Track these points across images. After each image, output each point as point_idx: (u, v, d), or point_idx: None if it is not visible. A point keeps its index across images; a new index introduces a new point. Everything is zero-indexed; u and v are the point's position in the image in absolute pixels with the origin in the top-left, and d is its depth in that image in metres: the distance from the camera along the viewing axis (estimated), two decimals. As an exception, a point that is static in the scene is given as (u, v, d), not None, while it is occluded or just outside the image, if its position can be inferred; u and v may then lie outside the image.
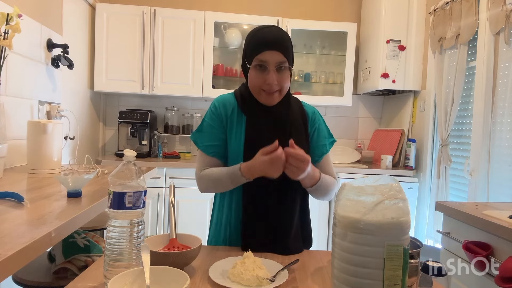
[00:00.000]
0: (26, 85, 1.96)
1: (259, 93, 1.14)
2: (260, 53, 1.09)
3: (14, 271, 0.72)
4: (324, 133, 1.25)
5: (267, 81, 1.10)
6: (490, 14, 2.12)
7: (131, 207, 0.77)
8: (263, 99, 1.15)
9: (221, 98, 1.22)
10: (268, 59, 1.09)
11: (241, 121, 1.17)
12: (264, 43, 1.10)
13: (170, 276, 0.73)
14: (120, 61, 3.01)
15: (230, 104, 1.19)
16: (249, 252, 0.93)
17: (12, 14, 1.54)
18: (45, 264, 1.44)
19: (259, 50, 1.09)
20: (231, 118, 1.18)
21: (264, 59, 1.09)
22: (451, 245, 1.58)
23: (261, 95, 1.14)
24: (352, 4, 3.49)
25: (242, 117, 1.17)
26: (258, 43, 1.11)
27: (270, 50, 1.09)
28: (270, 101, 1.15)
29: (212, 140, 1.18)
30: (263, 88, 1.12)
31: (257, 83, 1.12)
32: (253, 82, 1.13)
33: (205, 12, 3.05)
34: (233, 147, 1.16)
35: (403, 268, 0.69)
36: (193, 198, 2.87)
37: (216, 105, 1.20)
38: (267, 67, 1.10)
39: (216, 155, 1.17)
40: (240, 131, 1.16)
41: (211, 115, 1.19)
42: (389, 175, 0.78)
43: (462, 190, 2.45)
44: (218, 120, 1.18)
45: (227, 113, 1.18)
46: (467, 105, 2.45)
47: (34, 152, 1.67)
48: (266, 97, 1.13)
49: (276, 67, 1.10)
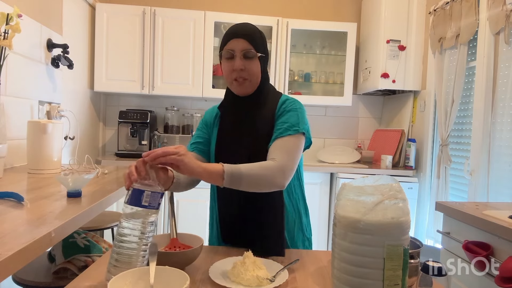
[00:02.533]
0: (26, 85, 1.96)
1: (231, 83, 1.17)
2: (227, 43, 1.14)
3: (14, 271, 0.72)
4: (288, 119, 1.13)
5: (232, 67, 1.13)
6: (490, 14, 2.12)
7: (147, 206, 0.79)
8: (235, 89, 1.18)
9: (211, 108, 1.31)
10: (234, 47, 1.13)
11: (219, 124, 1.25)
12: (230, 34, 1.15)
13: (170, 276, 0.73)
14: (120, 61, 3.01)
15: (215, 109, 1.28)
16: (249, 252, 0.93)
17: (12, 14, 1.54)
18: (45, 264, 1.44)
19: (226, 41, 1.15)
20: (213, 122, 1.26)
21: (230, 48, 1.13)
22: (451, 245, 1.58)
23: (232, 85, 1.17)
24: (352, 4, 3.48)
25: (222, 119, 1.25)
26: (225, 35, 1.17)
27: (236, 39, 1.13)
28: (241, 90, 1.17)
29: (195, 139, 1.27)
30: (233, 77, 1.15)
31: (227, 72, 1.16)
32: (224, 72, 1.17)
33: (205, 12, 3.05)
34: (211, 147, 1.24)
35: (403, 268, 0.69)
36: (193, 198, 2.87)
37: (205, 113, 1.32)
38: (233, 55, 1.13)
39: (196, 150, 1.24)
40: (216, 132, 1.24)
41: (201, 121, 1.31)
42: (389, 175, 0.78)
43: (462, 190, 2.45)
44: (204, 124, 1.29)
45: (211, 117, 1.28)
46: (467, 105, 2.45)
47: (34, 152, 1.67)
48: (236, 86, 1.16)
49: (243, 54, 1.13)
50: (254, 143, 1.14)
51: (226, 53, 1.14)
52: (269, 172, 1.01)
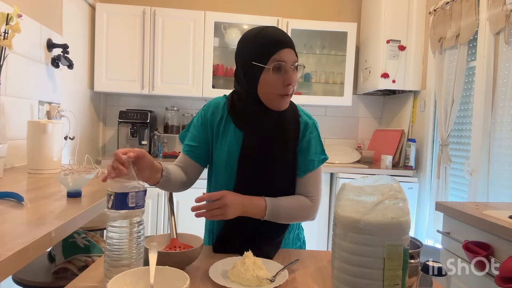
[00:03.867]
0: (26, 85, 1.96)
1: (274, 98, 1.06)
2: (276, 53, 1.01)
3: (14, 271, 0.72)
4: (316, 148, 1.15)
5: (286, 82, 1.02)
6: (490, 14, 2.12)
7: (134, 206, 0.78)
8: (278, 104, 1.06)
9: (213, 102, 1.18)
10: (286, 58, 1.02)
11: (227, 131, 1.13)
12: (279, 42, 1.02)
13: (170, 276, 0.73)
14: (120, 61, 3.01)
15: (220, 111, 1.15)
16: (249, 252, 0.93)
17: (12, 14, 1.54)
18: (45, 264, 1.44)
19: (275, 49, 1.01)
20: (218, 127, 1.14)
21: (282, 59, 1.01)
22: (451, 245, 1.58)
23: (276, 100, 1.06)
24: (352, 4, 3.48)
25: (230, 127, 1.13)
26: (272, 42, 1.02)
27: (286, 48, 1.02)
28: (284, 104, 1.07)
29: (191, 140, 1.17)
30: (281, 93, 1.04)
31: (275, 86, 1.03)
32: (271, 85, 1.03)
33: (205, 12, 3.05)
34: (217, 155, 1.14)
35: (403, 268, 0.69)
36: (193, 198, 2.87)
37: (206, 110, 1.17)
38: (284, 67, 1.02)
39: (189, 154, 1.16)
40: (225, 142, 1.12)
41: (199, 117, 1.18)
42: (389, 175, 0.78)
43: (462, 190, 2.45)
44: (204, 124, 1.16)
45: (215, 120, 1.15)
46: (467, 105, 2.45)
47: (34, 152, 1.67)
48: (281, 100, 1.06)
49: (293, 67, 1.03)
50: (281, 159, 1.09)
51: (277, 64, 1.01)
52: (306, 212, 1.11)
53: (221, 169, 1.13)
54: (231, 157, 1.10)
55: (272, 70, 1.02)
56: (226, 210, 0.97)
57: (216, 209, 0.98)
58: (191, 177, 1.17)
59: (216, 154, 1.15)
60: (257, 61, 1.03)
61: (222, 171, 1.13)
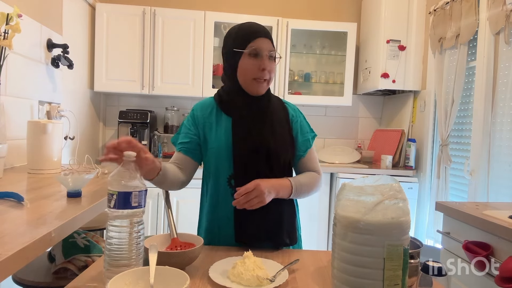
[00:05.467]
0: (26, 85, 1.96)
1: (250, 82, 1.16)
2: (253, 41, 1.13)
3: (14, 271, 0.72)
4: (306, 128, 1.29)
5: (261, 67, 1.13)
6: (490, 14, 2.12)
7: (137, 206, 0.78)
8: (254, 88, 1.17)
9: (199, 103, 1.28)
10: (261, 46, 1.14)
11: (220, 121, 1.21)
12: (256, 31, 1.15)
13: (170, 276, 0.73)
14: (120, 61, 3.01)
15: (208, 107, 1.25)
16: (249, 252, 0.93)
17: (12, 14, 1.54)
18: (45, 264, 1.44)
19: (252, 38, 1.14)
20: (210, 119, 1.22)
21: (257, 46, 1.13)
22: (451, 245, 1.58)
23: (252, 84, 1.16)
24: (352, 4, 3.48)
25: (222, 117, 1.21)
26: (249, 31, 1.15)
27: (262, 38, 1.14)
28: (260, 89, 1.18)
29: (183, 138, 1.24)
30: (256, 76, 1.15)
31: (251, 71, 1.14)
32: (247, 70, 1.15)
33: (205, 12, 3.05)
34: (213, 145, 1.20)
35: (403, 268, 0.69)
36: (193, 198, 2.87)
37: (194, 110, 1.27)
38: (260, 54, 1.13)
39: (183, 150, 1.22)
40: (220, 130, 1.20)
41: (189, 118, 1.27)
42: (389, 175, 0.78)
43: (462, 190, 2.45)
44: (193, 122, 1.24)
45: (204, 115, 1.23)
46: (467, 105, 2.45)
47: (34, 152, 1.67)
48: (257, 85, 1.16)
49: (269, 54, 1.15)
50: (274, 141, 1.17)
51: (253, 50, 1.13)
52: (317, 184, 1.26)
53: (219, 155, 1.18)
54: (228, 140, 1.17)
55: (249, 55, 1.14)
56: (263, 197, 1.06)
57: (254, 199, 1.05)
58: (187, 173, 1.22)
59: (212, 142, 1.20)
60: (237, 47, 1.15)
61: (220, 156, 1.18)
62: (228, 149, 1.17)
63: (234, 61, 1.17)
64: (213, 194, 1.22)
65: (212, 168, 1.21)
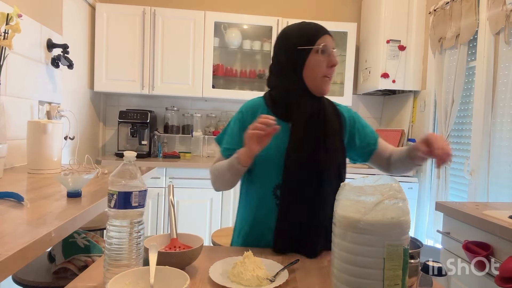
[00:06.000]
0: (26, 85, 1.96)
1: (321, 80, 1.14)
2: (320, 37, 1.12)
3: (14, 271, 0.72)
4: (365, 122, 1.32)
5: (330, 63, 1.12)
6: (490, 14, 2.12)
7: (137, 206, 0.78)
8: (322, 86, 1.15)
9: (249, 104, 1.22)
10: (328, 42, 1.13)
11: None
12: (321, 28, 1.14)
13: (170, 276, 0.73)
14: (120, 61, 3.01)
15: (258, 108, 1.18)
16: (249, 252, 0.93)
17: (12, 14, 1.54)
18: (45, 264, 1.44)
19: (319, 34, 1.13)
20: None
21: (326, 43, 1.12)
22: (451, 245, 1.58)
23: (321, 82, 1.14)
24: (352, 4, 3.48)
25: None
26: (315, 29, 1.14)
27: (327, 35, 1.14)
28: (327, 87, 1.16)
29: (230, 143, 1.19)
30: (325, 73, 1.13)
31: (321, 68, 1.12)
32: (316, 67, 1.12)
33: (205, 12, 3.05)
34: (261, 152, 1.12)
35: (403, 268, 0.69)
36: (193, 198, 2.87)
37: (243, 112, 1.20)
38: (328, 50, 1.12)
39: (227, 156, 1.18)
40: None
41: (236, 121, 1.20)
42: (389, 175, 0.78)
43: (462, 190, 2.44)
44: (241, 126, 1.16)
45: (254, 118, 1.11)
46: (467, 105, 2.45)
47: (34, 152, 1.67)
48: (325, 83, 1.14)
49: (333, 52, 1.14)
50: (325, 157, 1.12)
51: (323, 46, 1.12)
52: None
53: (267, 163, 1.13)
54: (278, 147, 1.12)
55: (318, 52, 1.12)
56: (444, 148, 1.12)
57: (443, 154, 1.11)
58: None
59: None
60: (304, 45, 1.12)
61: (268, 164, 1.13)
62: (277, 158, 1.11)
63: (299, 60, 1.13)
64: (256, 202, 1.18)
65: (256, 175, 1.17)
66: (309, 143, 1.12)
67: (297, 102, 1.14)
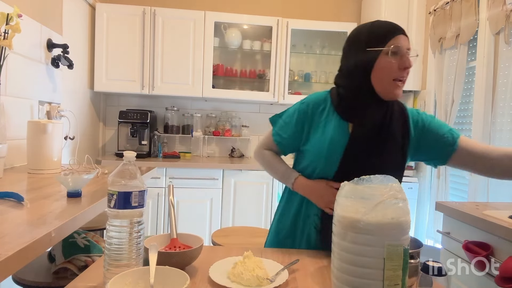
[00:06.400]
0: (26, 85, 1.96)
1: (390, 83, 1.06)
2: (393, 38, 1.04)
3: (14, 271, 0.72)
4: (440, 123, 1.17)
5: (402, 65, 1.03)
6: (490, 14, 2.12)
7: (137, 206, 0.78)
8: (391, 90, 1.07)
9: (314, 97, 1.18)
10: (402, 43, 1.04)
11: (329, 123, 1.13)
12: (395, 28, 1.06)
13: (170, 276, 0.73)
14: (120, 61, 3.01)
15: (322, 103, 1.15)
16: (249, 252, 0.93)
17: (12, 14, 1.54)
18: (45, 264, 1.44)
19: (392, 35, 1.04)
20: (320, 118, 1.14)
21: (398, 44, 1.03)
22: (451, 245, 1.58)
23: (390, 85, 1.06)
24: (352, 4, 3.48)
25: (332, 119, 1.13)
26: (388, 28, 1.06)
27: (401, 35, 1.05)
28: (398, 92, 1.08)
29: (282, 130, 1.20)
30: (396, 76, 1.05)
31: (391, 70, 1.04)
32: (386, 69, 1.05)
33: (205, 12, 3.05)
34: (313, 148, 1.13)
35: (403, 268, 0.69)
36: (193, 198, 2.87)
37: (307, 103, 1.16)
38: (401, 51, 1.04)
39: (279, 144, 1.21)
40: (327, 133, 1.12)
41: (296, 111, 1.17)
42: (389, 175, 0.78)
43: (462, 190, 2.44)
44: (301, 118, 1.15)
45: (316, 113, 1.14)
46: (467, 105, 2.45)
47: (34, 152, 1.67)
48: (395, 87, 1.06)
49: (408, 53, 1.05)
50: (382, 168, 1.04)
51: (394, 48, 1.03)
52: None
53: (319, 158, 1.12)
54: (334, 147, 1.10)
55: (389, 54, 1.04)
56: None
57: None
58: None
59: (313, 145, 1.14)
60: (374, 46, 1.05)
61: (321, 160, 1.12)
62: (329, 156, 1.10)
63: (367, 61, 1.07)
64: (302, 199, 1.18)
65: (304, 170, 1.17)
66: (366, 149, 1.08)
67: (362, 105, 1.10)
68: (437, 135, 1.14)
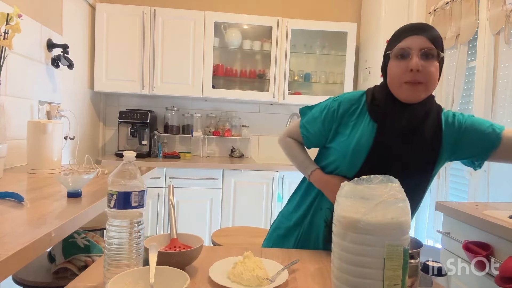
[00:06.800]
0: (26, 85, 1.96)
1: (399, 87, 1.02)
2: (401, 41, 1.01)
3: (14, 271, 0.72)
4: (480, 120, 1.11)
5: (408, 67, 0.98)
6: (490, 14, 2.12)
7: (137, 206, 0.78)
8: (405, 94, 1.02)
9: (349, 96, 1.15)
10: (410, 44, 0.99)
11: (359, 123, 1.11)
12: (405, 30, 1.03)
13: (170, 276, 0.73)
14: (120, 61, 3.01)
15: (355, 103, 1.13)
16: (249, 252, 0.93)
17: (12, 14, 1.54)
18: (45, 264, 1.44)
19: (400, 38, 1.02)
20: (350, 118, 1.12)
21: (405, 46, 1.00)
22: (451, 245, 1.58)
23: (402, 89, 1.02)
24: (352, 4, 3.49)
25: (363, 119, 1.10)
26: (400, 31, 1.04)
27: (412, 36, 1.00)
28: (412, 95, 1.01)
29: (309, 124, 1.19)
30: (405, 80, 1.00)
31: (397, 74, 1.01)
32: (393, 74, 1.03)
33: (205, 12, 3.05)
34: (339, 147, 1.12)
35: (403, 268, 0.69)
36: (193, 198, 2.87)
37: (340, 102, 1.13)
38: (407, 54, 1.00)
39: (304, 138, 1.21)
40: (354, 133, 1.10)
41: (327, 108, 1.15)
42: (389, 175, 0.78)
43: (462, 190, 2.44)
44: (329, 116, 1.13)
45: (347, 113, 1.12)
46: (467, 105, 2.44)
47: (34, 152, 1.67)
48: (407, 90, 1.01)
49: (422, 53, 0.99)
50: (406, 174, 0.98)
51: (398, 51, 1.00)
52: None
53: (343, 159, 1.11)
54: (359, 149, 1.08)
55: (395, 57, 1.02)
56: None
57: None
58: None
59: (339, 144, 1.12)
60: (387, 50, 1.05)
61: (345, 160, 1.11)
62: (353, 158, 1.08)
63: (383, 66, 1.08)
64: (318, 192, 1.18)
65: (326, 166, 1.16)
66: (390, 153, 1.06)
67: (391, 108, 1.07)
68: (477, 132, 1.08)
